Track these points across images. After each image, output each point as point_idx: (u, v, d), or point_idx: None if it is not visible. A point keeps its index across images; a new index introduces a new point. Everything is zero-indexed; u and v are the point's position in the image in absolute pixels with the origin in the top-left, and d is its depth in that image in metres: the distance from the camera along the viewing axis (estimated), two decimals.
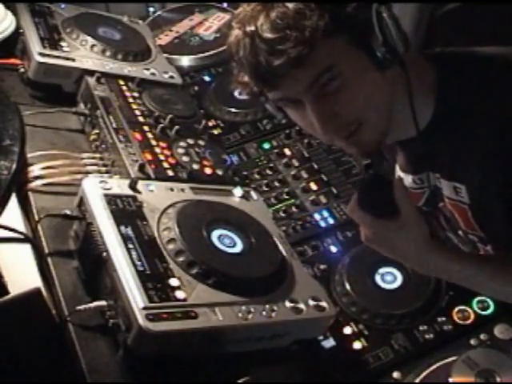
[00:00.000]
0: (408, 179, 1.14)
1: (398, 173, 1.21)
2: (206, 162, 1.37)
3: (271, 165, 1.62)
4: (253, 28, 0.92)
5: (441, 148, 1.05)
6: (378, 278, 1.33)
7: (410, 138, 1.06)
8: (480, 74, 1.00)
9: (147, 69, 1.64)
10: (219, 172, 1.37)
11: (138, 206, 1.11)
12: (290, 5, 0.89)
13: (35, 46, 1.51)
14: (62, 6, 1.74)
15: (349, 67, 0.94)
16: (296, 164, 1.62)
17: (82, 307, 1.01)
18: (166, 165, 1.31)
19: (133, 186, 1.15)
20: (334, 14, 0.90)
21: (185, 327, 0.93)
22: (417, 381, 1.15)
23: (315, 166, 1.61)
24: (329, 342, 1.23)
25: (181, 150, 1.37)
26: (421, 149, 1.07)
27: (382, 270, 1.34)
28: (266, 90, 0.98)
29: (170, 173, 1.29)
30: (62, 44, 1.56)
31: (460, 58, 1.05)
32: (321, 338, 1.22)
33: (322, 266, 1.38)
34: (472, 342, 1.19)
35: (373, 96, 0.96)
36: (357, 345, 1.24)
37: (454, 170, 1.05)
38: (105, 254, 1.01)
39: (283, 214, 1.50)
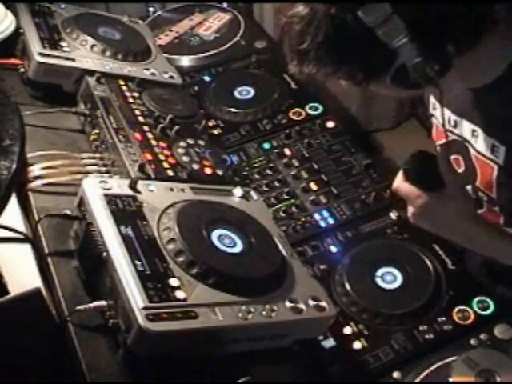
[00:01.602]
0: (444, 114, 1.13)
1: (433, 101, 1.22)
2: (205, 162, 1.37)
3: (271, 165, 1.63)
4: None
5: (499, 103, 1.06)
6: (377, 278, 1.33)
7: (478, 86, 1.06)
8: None
9: (147, 69, 1.64)
10: (219, 172, 1.37)
11: (138, 206, 1.11)
12: None
13: (35, 45, 1.51)
14: (62, 5, 1.74)
15: None
16: (296, 164, 1.62)
17: (82, 307, 1.01)
18: (165, 165, 1.31)
19: (133, 186, 1.15)
20: None
21: (185, 327, 0.93)
22: (417, 381, 1.15)
23: (315, 166, 1.61)
24: (329, 342, 1.23)
25: (181, 150, 1.37)
26: (476, 98, 1.08)
27: (382, 270, 1.35)
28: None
29: (170, 173, 1.29)
30: (62, 44, 1.56)
31: None
32: (321, 338, 1.22)
33: (322, 266, 1.38)
34: (472, 342, 1.19)
35: None
36: (357, 345, 1.24)
37: (501, 128, 1.06)
38: (105, 253, 1.01)
39: (283, 214, 1.50)
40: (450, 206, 1.05)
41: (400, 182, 1.08)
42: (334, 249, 1.43)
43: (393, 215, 1.48)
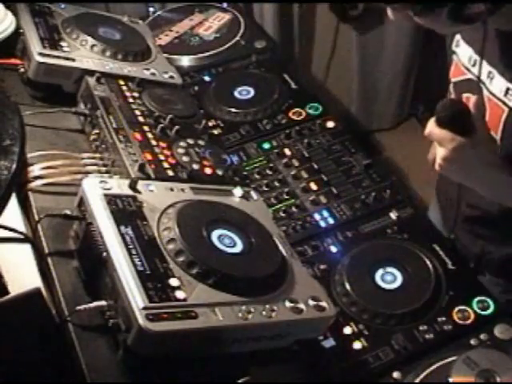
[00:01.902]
0: (466, 51, 1.19)
1: (458, 38, 1.27)
2: (205, 162, 1.37)
3: (271, 165, 1.63)
4: None
5: None
6: (378, 278, 1.34)
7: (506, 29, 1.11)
8: None
9: (147, 69, 1.64)
10: (219, 172, 1.37)
11: (138, 206, 1.11)
12: None
13: (35, 45, 1.51)
14: (62, 5, 1.74)
15: None
16: (296, 164, 1.62)
17: (82, 307, 1.01)
18: (165, 165, 1.31)
19: (133, 186, 1.15)
20: None
21: (185, 327, 0.93)
22: (417, 381, 1.15)
23: (315, 166, 1.61)
24: (329, 342, 1.23)
25: (181, 150, 1.37)
26: (502, 41, 1.12)
27: (381, 270, 1.35)
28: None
29: (170, 173, 1.29)
30: (62, 44, 1.56)
31: None
32: (321, 338, 1.22)
33: (322, 266, 1.38)
34: (472, 342, 1.20)
35: None
36: (357, 345, 1.24)
37: None
38: (105, 253, 1.01)
39: (283, 214, 1.50)
40: (481, 151, 1.10)
41: (433, 128, 1.12)
42: (334, 249, 1.43)
43: (393, 215, 1.48)
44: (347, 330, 1.26)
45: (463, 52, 1.26)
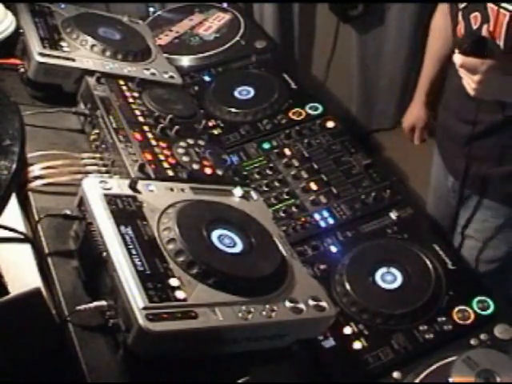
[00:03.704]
0: None
1: None
2: (205, 162, 1.37)
3: (271, 165, 1.63)
4: None
5: None
6: (378, 278, 1.34)
7: None
8: None
9: (147, 69, 1.64)
10: (219, 172, 1.37)
11: (138, 206, 1.11)
12: None
13: (35, 46, 1.51)
14: (62, 5, 1.74)
15: None
16: (296, 164, 1.62)
17: (82, 307, 1.01)
18: (165, 165, 1.31)
19: (133, 186, 1.15)
20: None
21: (185, 327, 0.93)
22: (417, 381, 1.15)
23: (315, 166, 1.61)
24: (329, 342, 1.24)
25: (181, 150, 1.37)
26: None
27: (381, 270, 1.35)
28: None
29: (170, 173, 1.29)
30: (62, 44, 1.56)
31: None
32: (321, 338, 1.22)
33: (322, 266, 1.38)
34: (472, 342, 1.20)
35: None
36: (357, 345, 1.24)
37: None
38: (105, 253, 1.01)
39: (283, 214, 1.50)
40: (506, 67, 1.27)
41: (462, 58, 1.28)
42: (334, 249, 1.43)
43: (393, 215, 1.48)
44: (347, 330, 1.26)
45: None
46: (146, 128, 1.39)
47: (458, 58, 1.29)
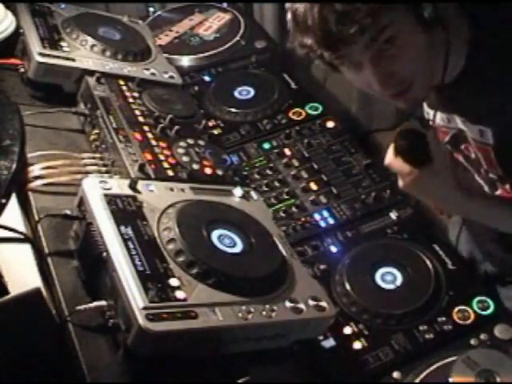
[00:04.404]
0: (436, 116, 1.23)
1: (427, 110, 1.30)
2: (206, 162, 1.37)
3: (271, 165, 1.63)
4: None
5: (469, 95, 1.13)
6: (378, 278, 1.34)
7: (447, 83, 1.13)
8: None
9: (147, 69, 1.64)
10: (219, 172, 1.37)
11: (138, 206, 1.11)
12: None
13: (35, 46, 1.51)
14: (62, 5, 1.74)
15: (404, 30, 1.03)
16: (296, 164, 1.62)
17: (82, 307, 1.01)
18: (166, 165, 1.31)
19: (133, 186, 1.15)
20: None
21: (185, 327, 0.93)
22: (417, 381, 1.15)
23: (315, 166, 1.61)
24: (329, 342, 1.24)
25: (181, 150, 1.37)
26: (449, 94, 1.16)
27: (382, 270, 1.35)
28: (329, 53, 1.06)
29: (170, 173, 1.29)
30: (62, 44, 1.56)
31: (494, 12, 1.12)
32: (321, 338, 1.22)
33: (322, 266, 1.38)
34: (472, 342, 1.20)
35: (423, 56, 1.06)
36: (357, 345, 1.24)
37: (480, 115, 1.13)
38: (105, 253, 1.01)
39: (283, 214, 1.50)
40: (435, 181, 1.13)
41: (391, 158, 1.16)
42: (334, 249, 1.43)
43: (393, 215, 1.48)
44: (347, 330, 1.26)
45: (434, 115, 1.27)
46: (146, 128, 1.39)
47: (388, 155, 1.17)
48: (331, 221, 1.49)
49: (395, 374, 1.17)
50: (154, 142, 1.36)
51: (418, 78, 1.08)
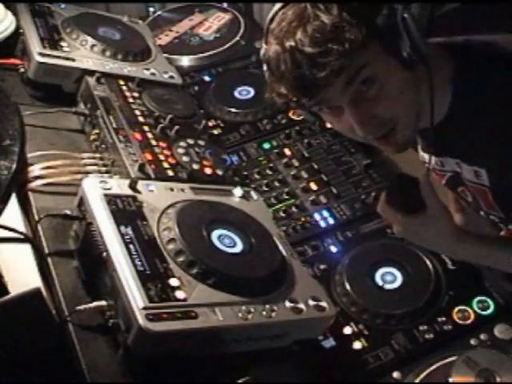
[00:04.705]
0: (431, 160, 1.17)
1: (421, 153, 1.27)
2: (206, 162, 1.37)
3: (271, 165, 1.63)
4: (292, 43, 0.96)
5: (459, 135, 1.09)
6: (377, 278, 1.33)
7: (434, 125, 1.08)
8: (496, 62, 1.03)
9: (147, 69, 1.64)
10: (219, 172, 1.37)
11: (138, 206, 1.11)
12: (326, 19, 0.93)
13: (35, 45, 1.51)
14: (62, 5, 1.74)
15: (381, 70, 0.98)
16: (296, 164, 1.62)
17: (82, 307, 1.01)
18: (165, 165, 1.31)
19: (133, 186, 1.15)
20: (368, 25, 0.93)
21: (185, 327, 0.93)
22: (417, 381, 1.15)
23: (315, 166, 1.61)
24: (329, 342, 1.23)
25: (181, 150, 1.37)
26: (440, 136, 1.10)
27: (382, 270, 1.34)
28: (305, 98, 1.01)
29: (170, 173, 1.29)
30: (62, 44, 1.56)
31: (476, 46, 1.07)
32: (321, 338, 1.22)
33: (322, 266, 1.38)
34: (472, 342, 1.19)
35: (404, 96, 1.01)
36: (357, 345, 1.24)
37: (473, 156, 1.09)
38: (105, 253, 1.01)
39: (283, 214, 1.50)
40: (430, 229, 1.07)
41: (383, 206, 1.09)
42: (334, 249, 1.43)
43: None
44: (347, 330, 1.26)
45: (428, 159, 1.20)
46: (146, 128, 1.39)
47: (380, 203, 1.11)
48: (331, 221, 1.49)
49: (395, 374, 1.17)
50: (154, 142, 1.36)
51: (401, 119, 1.03)
